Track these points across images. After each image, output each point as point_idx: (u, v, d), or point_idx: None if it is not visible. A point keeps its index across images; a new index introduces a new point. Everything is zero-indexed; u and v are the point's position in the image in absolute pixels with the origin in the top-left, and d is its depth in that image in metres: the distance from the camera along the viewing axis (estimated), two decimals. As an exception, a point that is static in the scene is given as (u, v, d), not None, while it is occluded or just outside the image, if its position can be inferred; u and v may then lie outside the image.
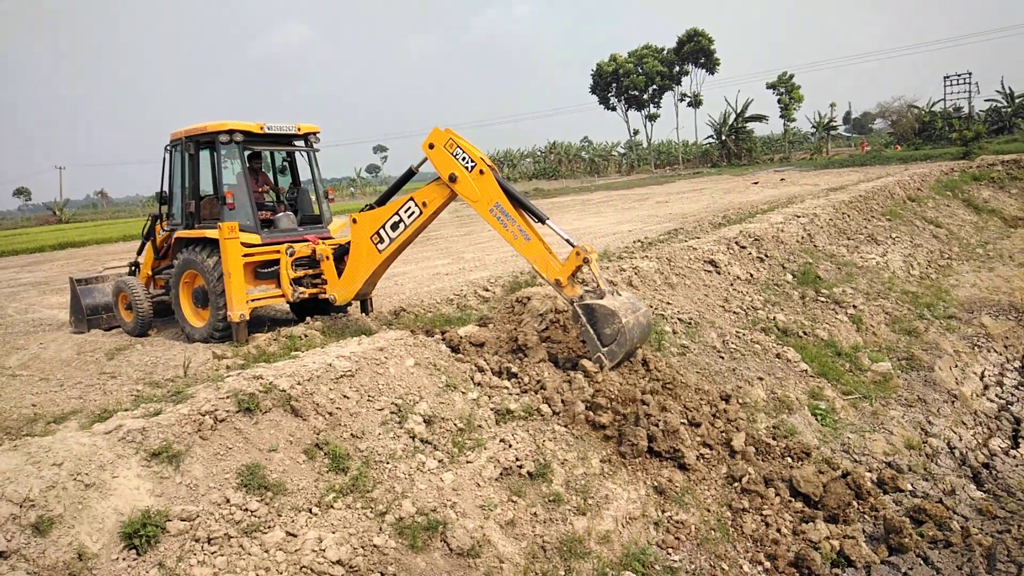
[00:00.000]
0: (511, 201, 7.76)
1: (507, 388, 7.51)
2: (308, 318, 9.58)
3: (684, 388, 7.84)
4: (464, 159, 7.88)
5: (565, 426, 7.13)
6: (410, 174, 8.64)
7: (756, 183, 36.14)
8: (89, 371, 8.59)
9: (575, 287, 7.61)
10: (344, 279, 9.23)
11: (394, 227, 8.48)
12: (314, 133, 10.19)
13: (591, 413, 7.08)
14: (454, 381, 7.25)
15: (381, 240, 8.60)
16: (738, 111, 67.88)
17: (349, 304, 10.03)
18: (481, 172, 7.81)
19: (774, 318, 11.58)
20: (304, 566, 4.84)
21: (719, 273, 12.63)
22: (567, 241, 7.66)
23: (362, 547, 5.16)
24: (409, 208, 8.36)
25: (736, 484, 7.11)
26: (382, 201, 8.85)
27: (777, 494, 7.14)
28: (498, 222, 7.75)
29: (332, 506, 5.40)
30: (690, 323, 10.40)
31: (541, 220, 7.80)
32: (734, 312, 11.48)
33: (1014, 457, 9.64)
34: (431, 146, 8.06)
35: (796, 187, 30.55)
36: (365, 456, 5.95)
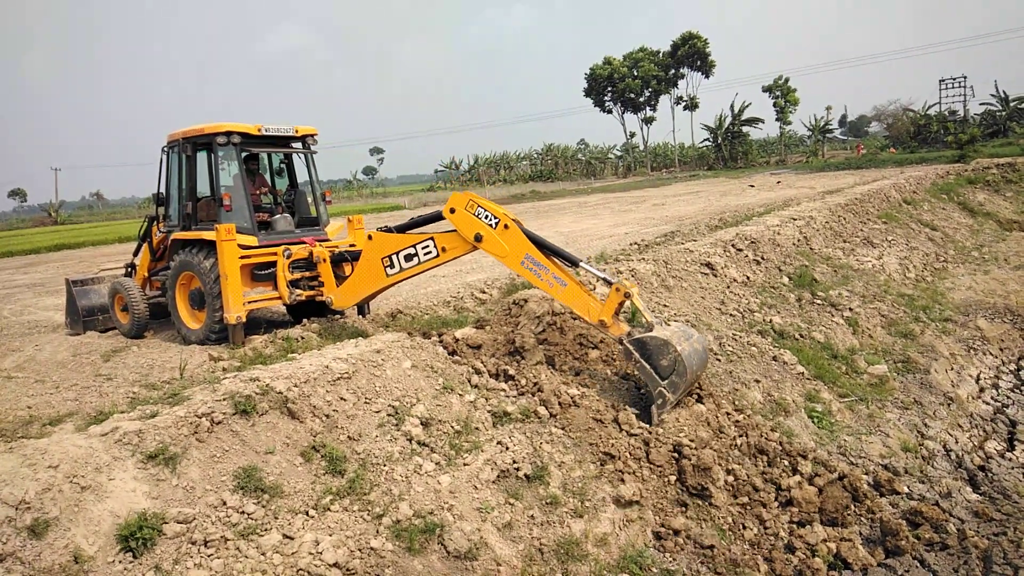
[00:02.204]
0: (540, 250, 7.68)
1: (504, 390, 7.51)
2: (305, 320, 9.56)
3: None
4: (487, 217, 7.80)
5: (562, 428, 7.13)
6: (439, 215, 8.57)
7: (752, 186, 36.22)
8: (85, 373, 8.55)
9: (621, 325, 7.44)
10: (346, 288, 9.19)
11: (408, 258, 8.40)
12: (312, 135, 10.17)
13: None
14: (451, 383, 7.24)
15: (391, 265, 8.53)
16: (734, 114, 68.05)
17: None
18: (506, 227, 7.71)
19: (770, 320, 11.60)
20: (301, 569, 4.83)
21: (715, 276, 12.64)
22: (604, 280, 7.52)
23: (359, 550, 5.15)
24: (427, 247, 8.25)
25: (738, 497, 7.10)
26: (402, 229, 8.77)
27: (776, 498, 7.15)
28: (531, 273, 7.62)
29: (329, 508, 5.39)
30: (687, 325, 10.40)
31: (574, 264, 7.67)
32: (731, 315, 11.50)
33: (1010, 459, 9.66)
34: (452, 211, 8.00)
35: (792, 190, 30.61)
36: (362, 458, 5.94)
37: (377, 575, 5.07)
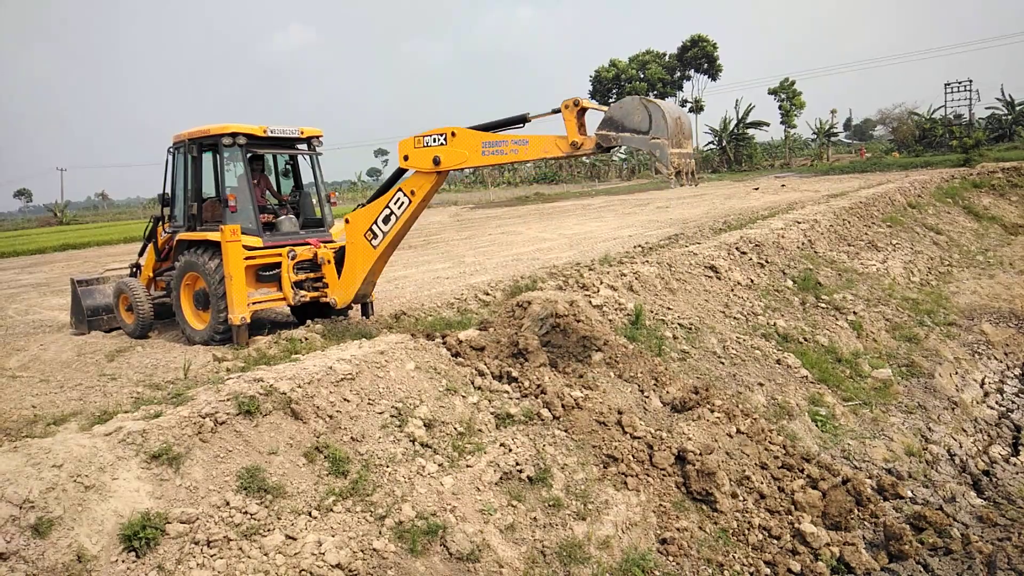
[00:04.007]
0: (490, 131, 7.80)
1: (507, 392, 7.51)
2: (308, 321, 9.58)
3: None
4: (434, 139, 8.05)
5: (565, 431, 7.13)
6: (400, 172, 8.71)
7: (757, 189, 36.16)
8: (89, 373, 8.58)
9: (590, 137, 7.25)
10: (342, 280, 9.26)
11: (386, 220, 8.59)
12: (317, 137, 10.19)
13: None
14: (454, 385, 7.25)
15: (375, 236, 8.72)
16: (739, 117, 67.98)
17: (350, 307, 10.02)
18: (453, 134, 7.93)
19: (774, 324, 11.58)
20: (303, 569, 4.84)
21: (720, 279, 12.63)
22: (553, 111, 7.41)
23: (361, 551, 5.16)
24: (398, 199, 8.49)
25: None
26: (370, 200, 8.93)
27: (780, 502, 7.13)
28: (496, 155, 7.72)
29: (332, 509, 5.40)
30: (691, 328, 10.40)
31: (524, 120, 7.73)
32: (734, 318, 11.48)
33: (1014, 464, 9.63)
34: (406, 157, 8.29)
35: (797, 193, 30.57)
36: (365, 459, 5.95)
37: (379, 576, 5.07)
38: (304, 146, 10.26)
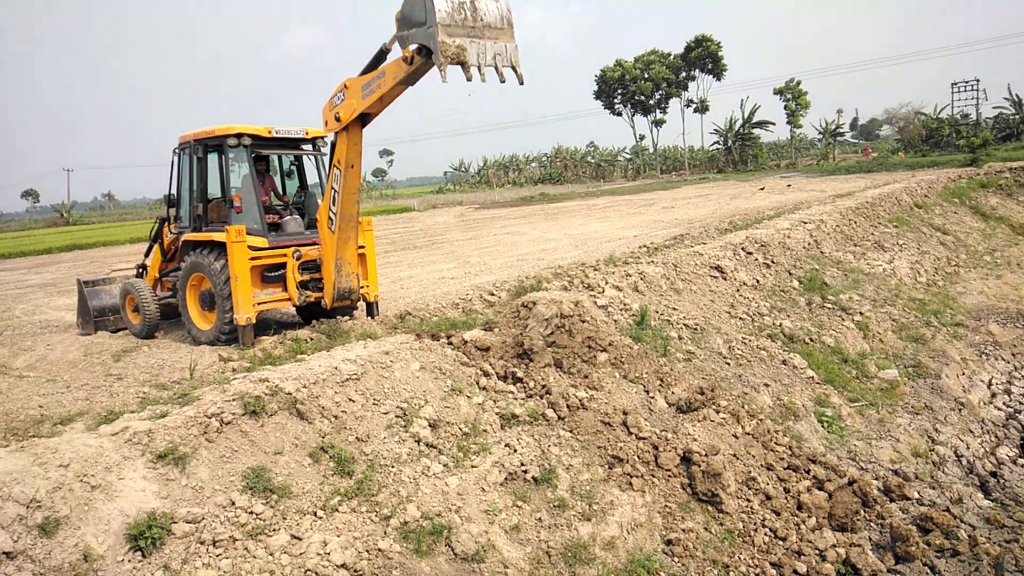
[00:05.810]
0: (369, 71, 8.04)
1: (512, 393, 7.50)
2: (314, 321, 9.59)
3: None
4: (339, 97, 8.36)
5: (570, 431, 7.12)
6: (331, 148, 8.85)
7: (762, 189, 36.09)
8: (96, 373, 8.61)
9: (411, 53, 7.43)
10: (324, 279, 9.36)
11: (333, 202, 8.82)
12: (322, 137, 10.21)
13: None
14: (459, 385, 7.25)
15: (331, 221, 8.93)
16: (745, 117, 67.87)
17: (355, 307, 10.04)
18: (346, 87, 8.26)
19: (780, 324, 11.55)
20: (309, 569, 4.85)
21: (725, 279, 12.60)
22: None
23: (367, 551, 5.16)
24: (334, 174, 8.74)
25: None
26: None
27: (786, 504, 7.11)
28: (371, 95, 7.95)
29: (337, 509, 5.40)
30: (696, 329, 10.37)
31: (385, 52, 7.88)
32: (740, 318, 11.46)
33: (1022, 466, 9.59)
34: (326, 123, 8.64)
35: (803, 193, 30.50)
36: (370, 460, 5.95)
37: (384, 576, 5.08)
38: (309, 147, 10.28)
